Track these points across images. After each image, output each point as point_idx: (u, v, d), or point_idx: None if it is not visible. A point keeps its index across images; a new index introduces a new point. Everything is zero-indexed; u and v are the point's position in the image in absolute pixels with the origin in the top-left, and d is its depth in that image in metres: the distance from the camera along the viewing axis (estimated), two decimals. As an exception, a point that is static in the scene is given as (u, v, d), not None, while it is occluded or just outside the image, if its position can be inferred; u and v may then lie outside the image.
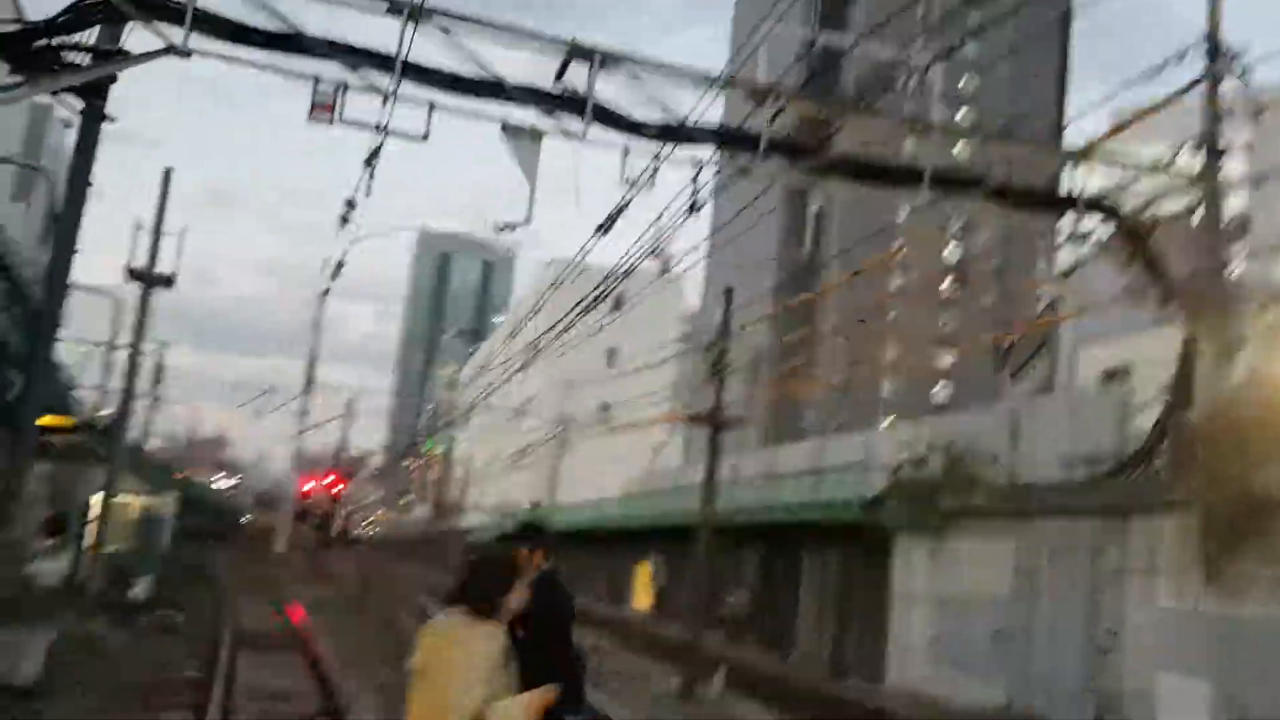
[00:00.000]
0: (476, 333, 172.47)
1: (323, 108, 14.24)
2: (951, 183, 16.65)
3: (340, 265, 23.10)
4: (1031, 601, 18.46)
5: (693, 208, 15.75)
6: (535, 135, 15.06)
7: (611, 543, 42.25)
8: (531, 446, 66.67)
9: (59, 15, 13.64)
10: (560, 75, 14.85)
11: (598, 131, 15.26)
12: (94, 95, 15.53)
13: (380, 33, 14.56)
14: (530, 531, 5.91)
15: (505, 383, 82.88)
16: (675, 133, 15.52)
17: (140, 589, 20.87)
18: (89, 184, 16.53)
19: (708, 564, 34.42)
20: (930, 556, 21.59)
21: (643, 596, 38.26)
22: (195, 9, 13.74)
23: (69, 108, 15.99)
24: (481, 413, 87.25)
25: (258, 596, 28.09)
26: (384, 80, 14.26)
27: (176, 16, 13.77)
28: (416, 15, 14.18)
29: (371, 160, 14.58)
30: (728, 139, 15.68)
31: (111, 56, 14.02)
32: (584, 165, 15.68)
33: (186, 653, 14.84)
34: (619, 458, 55.65)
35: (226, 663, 14.46)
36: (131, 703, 10.76)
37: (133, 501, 31.81)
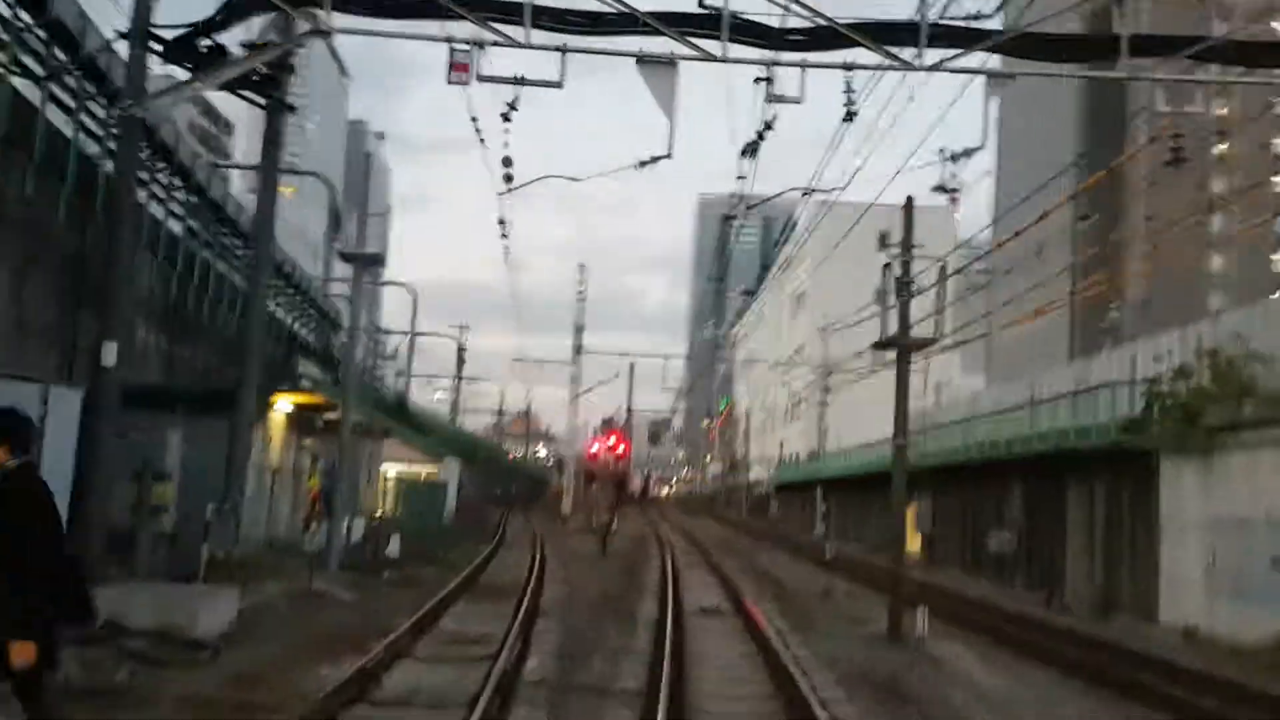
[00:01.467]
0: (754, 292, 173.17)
1: (460, 68, 14.34)
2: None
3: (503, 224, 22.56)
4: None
5: (849, 116, 14.64)
6: (671, 63, 14.52)
7: (879, 487, 40.82)
8: (798, 396, 65.79)
9: (215, 14, 14.53)
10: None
11: (739, 50, 14.60)
12: (271, 88, 16.56)
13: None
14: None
15: (775, 336, 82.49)
16: (823, 37, 14.52)
17: (394, 548, 22.26)
18: (279, 171, 17.76)
19: (960, 503, 32.77)
20: (1200, 478, 19.16)
21: (912, 541, 36.70)
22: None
23: (251, 102, 17.20)
24: (752, 369, 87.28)
25: (523, 551, 29.32)
26: (517, 32, 14.22)
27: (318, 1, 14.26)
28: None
29: (508, 115, 14.53)
30: (882, 34, 14.40)
31: (263, 48, 14.73)
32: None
33: (411, 604, 15.51)
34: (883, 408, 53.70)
35: (432, 611, 15.02)
36: (308, 652, 11.32)
37: (411, 470, 34.36)
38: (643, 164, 14.75)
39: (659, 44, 14.51)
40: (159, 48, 14.66)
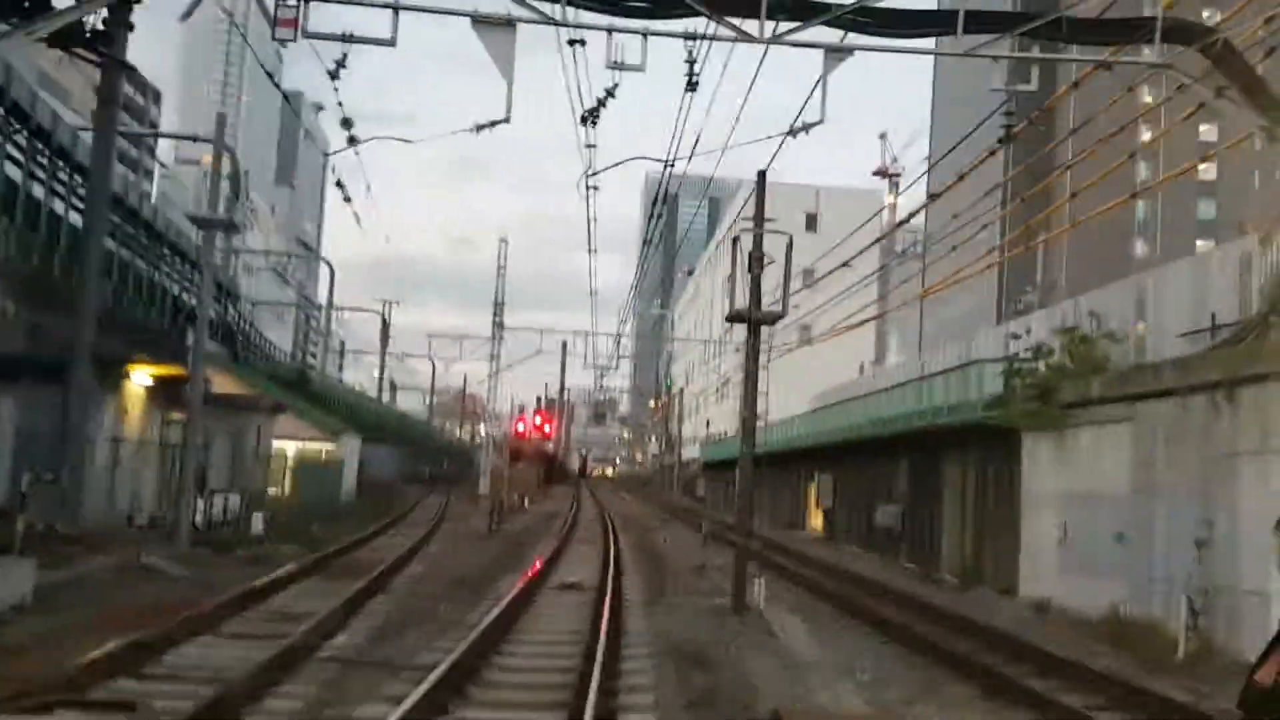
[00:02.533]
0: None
1: (287, 23, 13.96)
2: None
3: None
4: (1148, 495, 16.17)
5: (691, 85, 14.50)
6: (509, 24, 14.28)
7: (789, 464, 41.09)
8: (725, 376, 66.15)
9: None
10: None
11: (582, 16, 14.40)
12: (105, 44, 16.05)
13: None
14: None
15: (707, 316, 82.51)
16: (665, 4, 14.35)
17: (257, 524, 21.87)
18: (107, 138, 17.25)
19: (858, 478, 32.77)
20: (1054, 454, 19.41)
21: (814, 516, 37.02)
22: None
23: (87, 60, 16.67)
24: (689, 349, 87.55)
25: (413, 531, 28.99)
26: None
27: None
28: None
29: (336, 73, 14.16)
30: (723, 5, 14.26)
31: (83, 4, 14.24)
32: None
33: (245, 580, 15.23)
34: (817, 378, 54.03)
35: (263, 589, 14.75)
36: (99, 626, 11.02)
37: (305, 447, 33.87)
38: (480, 128, 14.46)
39: (498, 4, 14.33)
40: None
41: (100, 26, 15.45)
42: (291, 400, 36.25)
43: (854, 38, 14.57)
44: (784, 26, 14.26)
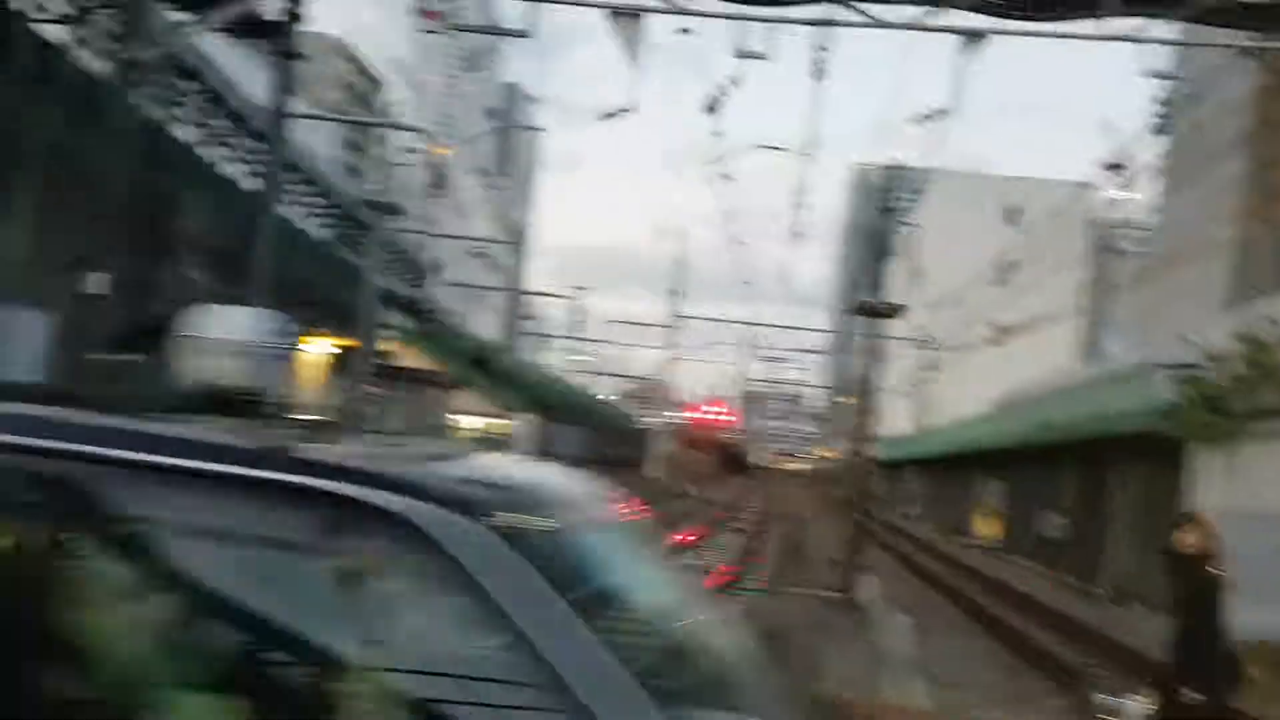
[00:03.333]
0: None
1: (431, 14, 14.70)
2: None
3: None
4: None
5: (818, 75, 14.30)
6: (635, 15, 14.50)
7: (960, 468, 39.80)
8: (907, 371, 64.35)
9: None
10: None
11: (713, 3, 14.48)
12: (274, 34, 17.28)
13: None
14: None
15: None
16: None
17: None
18: (285, 116, 18.50)
19: (1031, 486, 31.32)
20: (1223, 469, 18.11)
21: (987, 525, 35.68)
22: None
23: (260, 50, 17.98)
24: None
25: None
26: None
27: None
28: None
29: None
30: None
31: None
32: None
33: None
34: (1009, 378, 52.06)
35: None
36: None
37: (476, 424, 35.31)
38: (608, 116, 14.72)
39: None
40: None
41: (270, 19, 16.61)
42: (472, 377, 37.81)
43: (994, 22, 14.04)
44: (917, 11, 13.93)
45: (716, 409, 61.97)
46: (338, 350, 22.61)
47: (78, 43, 16.93)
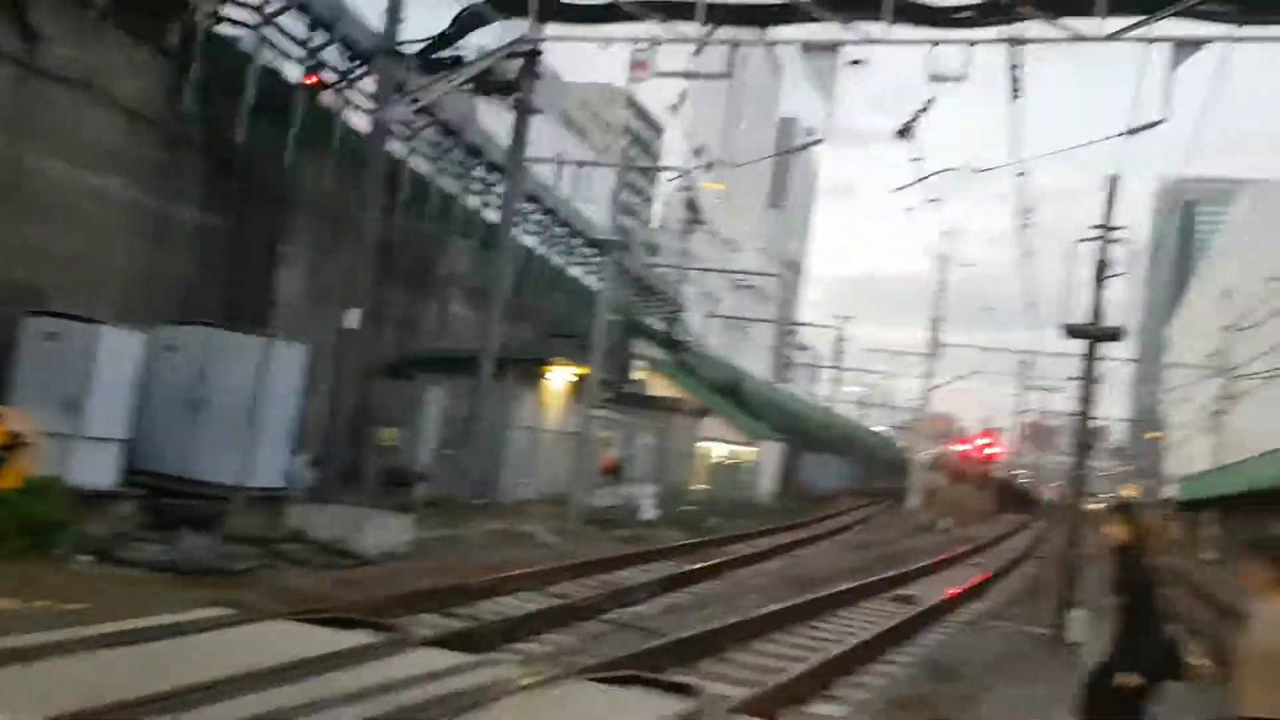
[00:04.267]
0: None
1: (640, 66, 15.75)
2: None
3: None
4: None
5: (1015, 94, 14.03)
6: (833, 49, 14.89)
7: (1268, 508, 36.33)
8: (1205, 404, 59.31)
9: (447, 30, 17.07)
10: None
11: (903, 30, 14.62)
12: (511, 91, 18.99)
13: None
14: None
15: (1199, 336, 74.63)
16: (991, 9, 14.15)
17: (649, 513, 24.06)
18: (523, 167, 20.19)
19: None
20: None
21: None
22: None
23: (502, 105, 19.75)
24: (1175, 373, 79.20)
25: (794, 532, 29.72)
26: (690, 29, 15.35)
27: (523, 9, 16.31)
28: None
29: (676, 107, 15.67)
30: (1056, 4, 13.73)
31: (479, 60, 17.04)
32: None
33: (599, 553, 17.08)
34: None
35: (596, 563, 16.36)
36: (444, 573, 13.32)
37: (721, 450, 36.11)
38: (796, 150, 15.01)
39: (820, 31, 15.00)
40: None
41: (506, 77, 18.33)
42: (721, 405, 38.71)
43: (1208, 28, 13.36)
44: (1124, 21, 13.49)
45: (984, 440, 59.63)
46: (576, 378, 23.99)
47: (345, 105, 19.32)
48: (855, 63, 14.16)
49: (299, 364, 15.23)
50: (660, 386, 37.61)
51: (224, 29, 16.98)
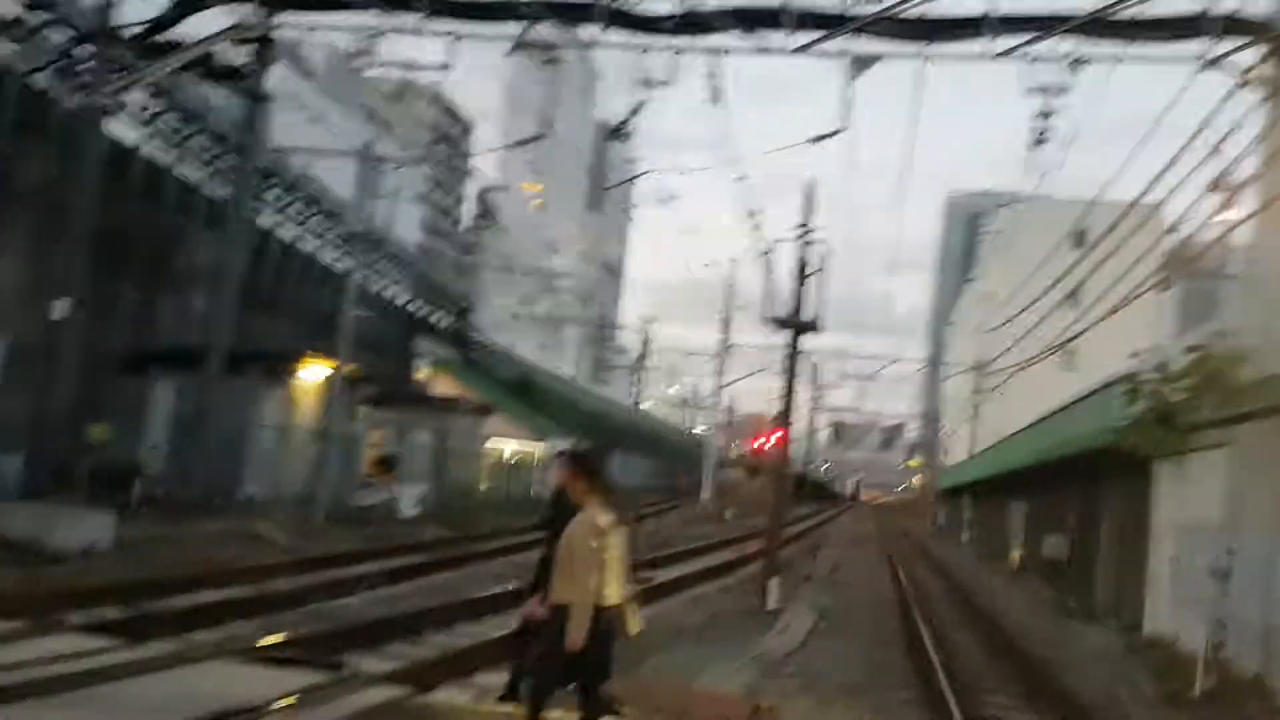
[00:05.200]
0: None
1: (362, 54, 15.75)
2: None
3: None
4: (1234, 528, 14.74)
5: (714, 99, 14.87)
6: (553, 49, 15.37)
7: (997, 493, 39.22)
8: (962, 396, 63.43)
9: (166, 13, 16.63)
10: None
11: (616, 35, 15.23)
12: (241, 79, 18.67)
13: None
14: None
15: (968, 339, 79.04)
16: (695, 23, 14.88)
17: (409, 509, 24.03)
18: (255, 163, 19.85)
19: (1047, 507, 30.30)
20: (1173, 482, 17.94)
21: (1014, 549, 35.13)
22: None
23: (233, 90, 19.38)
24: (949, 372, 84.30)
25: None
26: (411, 20, 15.46)
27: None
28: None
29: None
30: (749, 19, 14.60)
31: (200, 43, 16.68)
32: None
33: (331, 551, 16.94)
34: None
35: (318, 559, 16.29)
36: (144, 570, 13.01)
37: (505, 448, 36.34)
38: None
39: (539, 31, 15.43)
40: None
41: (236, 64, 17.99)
42: (509, 403, 38.85)
43: (879, 45, 14.47)
44: (809, 37, 14.46)
45: (776, 435, 61.66)
46: (329, 374, 23.62)
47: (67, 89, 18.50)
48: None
49: (-5, 358, 14.60)
50: (446, 385, 37.48)
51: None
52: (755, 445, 61.34)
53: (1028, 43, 13.85)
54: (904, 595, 22.63)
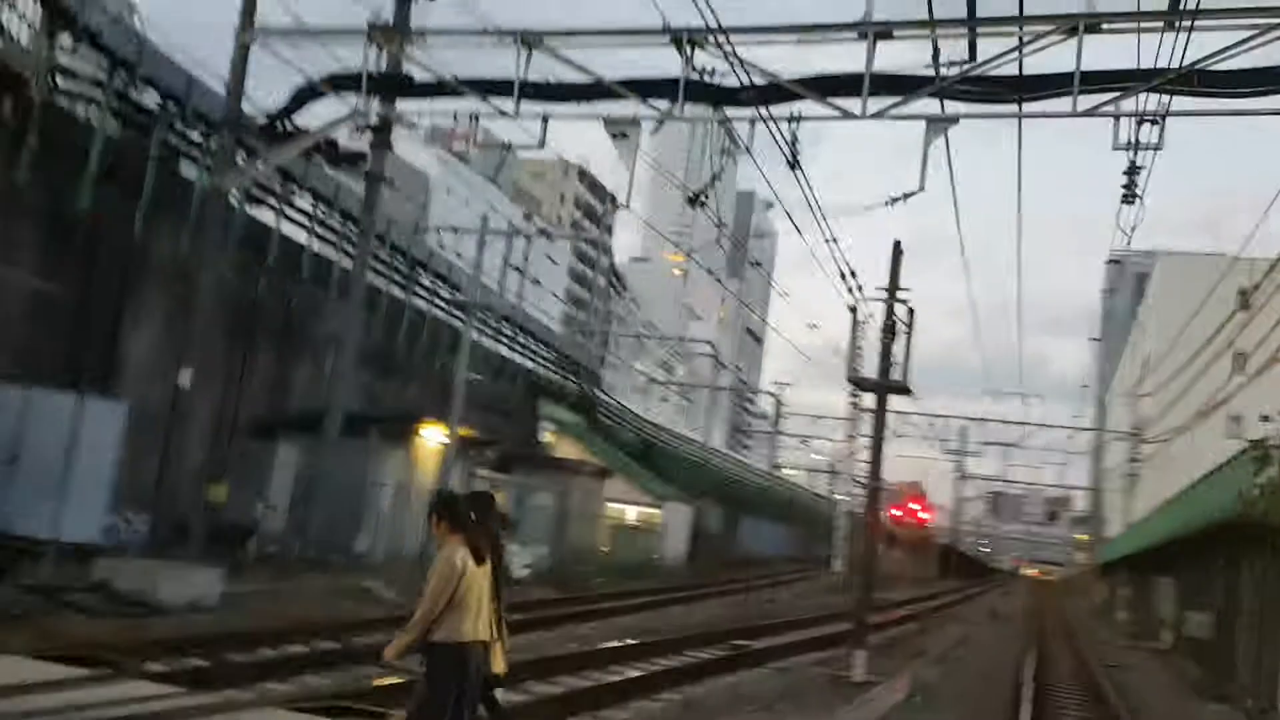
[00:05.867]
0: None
1: (458, 136, 16.62)
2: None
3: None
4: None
5: (793, 165, 14.93)
6: (634, 122, 15.80)
7: (1151, 568, 37.13)
8: (1127, 465, 60.31)
9: (286, 105, 17.87)
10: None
11: (695, 109, 15.59)
12: (362, 163, 19.85)
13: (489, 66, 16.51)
14: None
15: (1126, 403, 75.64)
16: (772, 92, 15.08)
17: (519, 572, 24.49)
18: (376, 232, 20.88)
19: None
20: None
21: (1163, 627, 33.11)
22: (369, 75, 16.87)
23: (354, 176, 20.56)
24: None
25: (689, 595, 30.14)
26: (507, 104, 16.20)
27: (357, 85, 17.13)
28: (530, 42, 15.93)
29: (497, 175, 16.48)
30: (827, 87, 14.70)
31: (307, 135, 17.82)
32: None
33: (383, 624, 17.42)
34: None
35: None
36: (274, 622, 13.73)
37: (626, 512, 36.64)
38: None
39: (624, 107, 15.92)
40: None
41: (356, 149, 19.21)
42: (629, 467, 39.22)
43: (957, 107, 14.35)
44: (885, 102, 14.47)
45: (914, 505, 60.30)
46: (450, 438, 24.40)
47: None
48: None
49: (118, 421, 15.75)
50: (568, 448, 38.16)
51: (68, 101, 17.75)
52: (894, 517, 59.79)
53: (1114, 99, 13.52)
54: (1023, 676, 21.66)
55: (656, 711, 12.04)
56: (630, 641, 17.01)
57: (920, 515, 61.20)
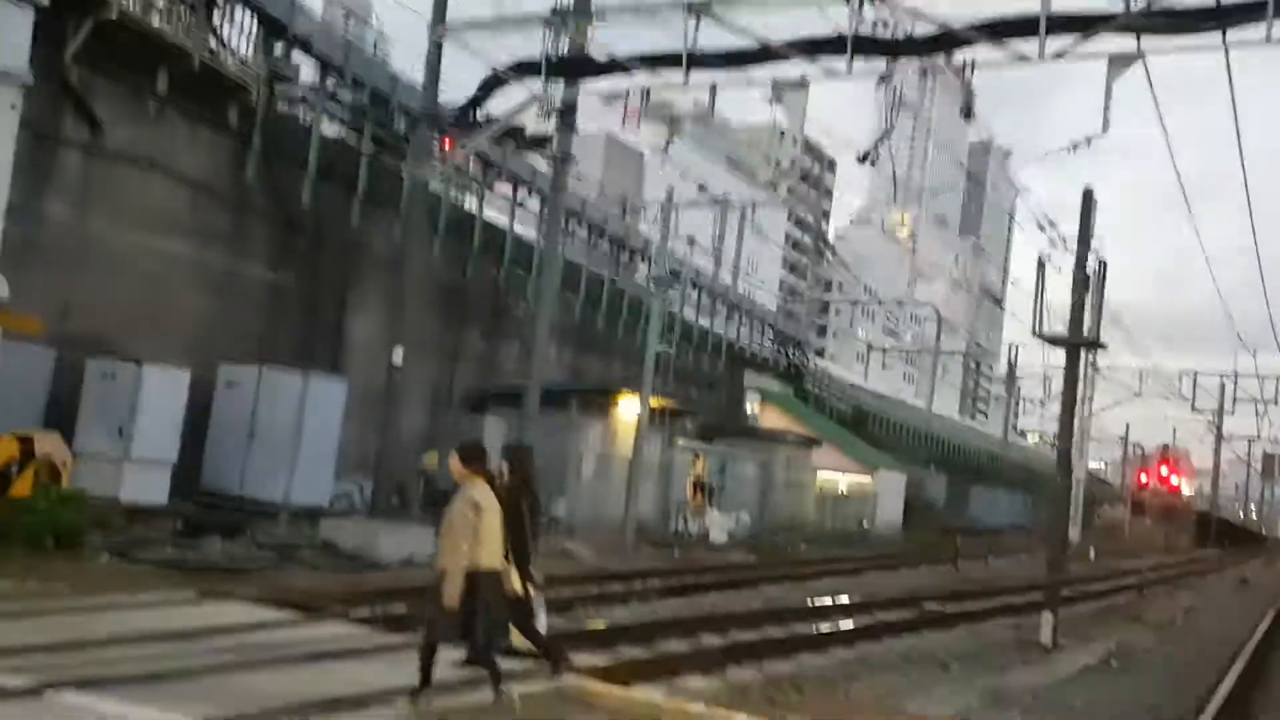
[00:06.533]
0: None
1: (632, 112, 17.22)
2: None
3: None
4: None
5: (967, 114, 14.53)
6: (802, 84, 15.83)
7: None
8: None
9: (475, 94, 18.91)
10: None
11: (861, 64, 15.44)
12: (547, 145, 20.76)
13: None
14: None
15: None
16: (945, 39, 14.74)
17: (720, 537, 25.04)
18: (561, 218, 21.71)
19: None
20: None
21: None
22: (547, 59, 17.71)
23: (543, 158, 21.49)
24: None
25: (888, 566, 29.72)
26: (675, 76, 16.63)
27: (538, 70, 18.01)
28: (699, 10, 16.30)
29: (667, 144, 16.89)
30: (1001, 30, 14.24)
31: (493, 122, 18.78)
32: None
33: (630, 567, 18.31)
34: None
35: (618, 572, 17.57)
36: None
37: (839, 480, 36.50)
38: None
39: (792, 68, 15.97)
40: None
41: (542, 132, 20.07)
42: (839, 435, 39.01)
43: (1147, 41, 13.56)
44: (1064, 41, 13.89)
45: (1164, 470, 56.90)
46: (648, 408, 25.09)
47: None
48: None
49: (339, 397, 17.26)
50: (774, 418, 38.35)
51: (286, 105, 19.49)
52: (1140, 482, 56.67)
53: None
54: (1248, 647, 20.32)
55: (821, 664, 12.25)
56: (821, 602, 17.24)
57: (1171, 482, 57.61)
